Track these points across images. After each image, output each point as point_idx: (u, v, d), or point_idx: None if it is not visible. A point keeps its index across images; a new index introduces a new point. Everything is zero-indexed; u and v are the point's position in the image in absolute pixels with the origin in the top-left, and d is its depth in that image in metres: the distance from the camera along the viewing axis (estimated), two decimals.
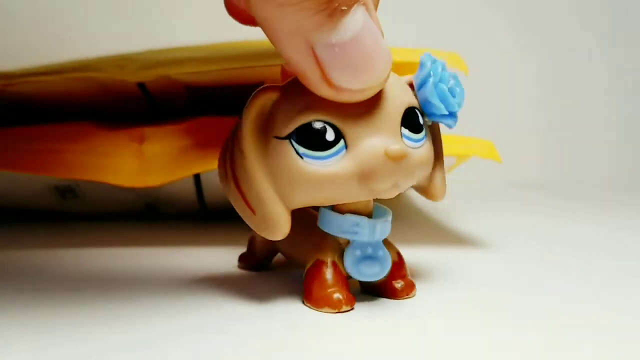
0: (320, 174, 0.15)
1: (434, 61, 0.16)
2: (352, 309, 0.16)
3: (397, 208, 0.36)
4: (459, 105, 0.16)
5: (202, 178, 0.28)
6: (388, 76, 0.15)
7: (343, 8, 0.14)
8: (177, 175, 0.25)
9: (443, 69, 0.16)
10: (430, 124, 0.16)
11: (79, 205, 0.30)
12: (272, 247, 0.19)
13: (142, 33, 0.46)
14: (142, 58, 0.29)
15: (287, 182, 0.15)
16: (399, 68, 0.26)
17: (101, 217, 0.31)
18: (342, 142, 0.15)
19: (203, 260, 0.22)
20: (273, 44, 0.14)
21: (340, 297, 0.16)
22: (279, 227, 0.15)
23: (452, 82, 0.16)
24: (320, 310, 0.16)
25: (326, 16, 0.14)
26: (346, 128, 0.15)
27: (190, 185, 0.28)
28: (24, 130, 0.26)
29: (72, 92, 0.28)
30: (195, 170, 0.25)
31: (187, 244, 0.26)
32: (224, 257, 0.23)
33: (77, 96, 0.28)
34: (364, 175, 0.15)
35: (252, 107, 0.15)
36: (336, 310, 0.16)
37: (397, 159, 0.14)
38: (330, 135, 0.15)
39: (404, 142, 0.15)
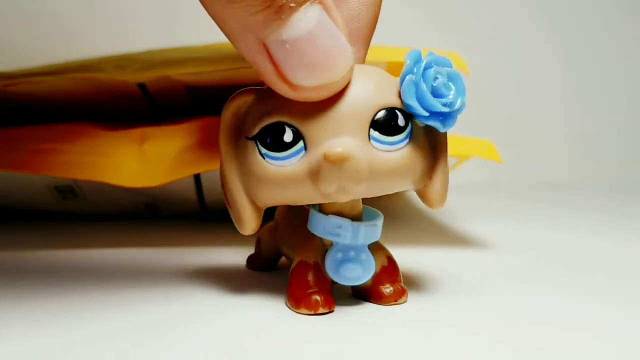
0: (277, 175, 0.15)
1: (417, 59, 0.15)
2: (330, 311, 0.16)
3: (397, 208, 0.36)
4: (449, 105, 0.15)
5: (202, 178, 0.28)
6: (348, 75, 0.14)
7: (292, 5, 0.14)
8: (177, 176, 0.25)
9: (428, 66, 0.15)
10: (423, 126, 0.15)
11: (79, 206, 0.30)
12: (276, 247, 0.20)
13: (142, 33, 0.46)
14: (143, 58, 0.29)
15: (252, 182, 0.15)
16: (399, 68, 0.26)
17: (101, 217, 0.31)
18: (301, 144, 0.15)
19: (202, 260, 0.22)
20: (230, 41, 0.15)
21: (319, 299, 0.16)
22: (245, 224, 0.16)
23: (439, 80, 0.15)
24: (297, 310, 0.16)
25: (273, 13, 0.14)
26: (306, 130, 0.15)
27: (191, 185, 0.28)
28: (24, 130, 0.26)
29: (72, 93, 0.28)
30: (195, 171, 0.25)
31: (187, 244, 0.26)
32: (223, 257, 0.23)
33: (77, 96, 0.28)
34: (312, 177, 0.15)
35: (228, 109, 0.16)
36: (312, 312, 0.16)
37: (335, 162, 0.14)
38: (288, 137, 0.15)
39: (371, 145, 0.15)
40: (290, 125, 0.15)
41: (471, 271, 0.21)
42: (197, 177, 0.28)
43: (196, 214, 0.31)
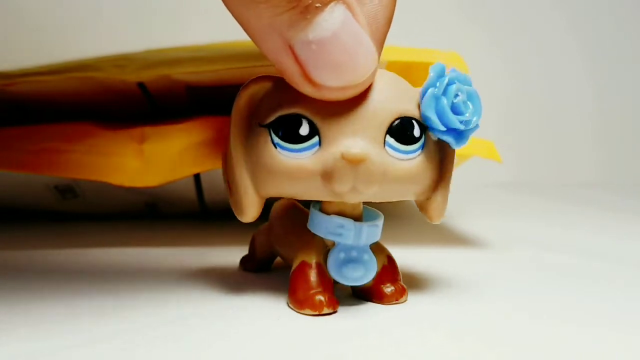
0: (288, 166, 0.15)
1: (441, 73, 0.15)
2: (334, 312, 0.16)
3: (397, 208, 0.36)
4: (466, 123, 0.15)
5: (202, 178, 0.28)
6: (372, 75, 0.15)
7: (317, 5, 0.14)
8: (177, 175, 0.25)
9: (451, 82, 0.15)
10: (435, 139, 0.16)
11: (79, 205, 0.30)
12: (271, 248, 0.19)
13: (142, 32, 0.46)
14: (142, 58, 0.29)
15: (259, 169, 0.15)
16: (398, 67, 0.26)
17: (101, 216, 0.31)
18: (316, 139, 0.15)
19: (202, 259, 0.22)
20: (253, 41, 0.15)
21: (322, 299, 0.16)
22: (247, 212, 0.16)
23: (459, 97, 0.15)
24: (301, 311, 0.16)
25: (299, 13, 0.13)
26: (323, 125, 0.15)
27: (191, 185, 0.28)
28: (24, 130, 0.26)
29: (72, 92, 0.28)
30: (196, 170, 0.25)
31: (187, 243, 0.26)
32: (223, 257, 0.23)
33: (77, 96, 0.28)
34: (325, 175, 0.15)
35: (244, 93, 0.16)
36: (317, 313, 0.16)
37: (352, 163, 0.14)
38: (304, 130, 0.15)
39: (385, 151, 0.15)
40: (307, 119, 0.15)
41: (472, 270, 0.21)
42: (197, 177, 0.28)
43: (196, 213, 0.31)
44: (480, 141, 0.29)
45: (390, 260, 0.17)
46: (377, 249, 0.17)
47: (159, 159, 0.25)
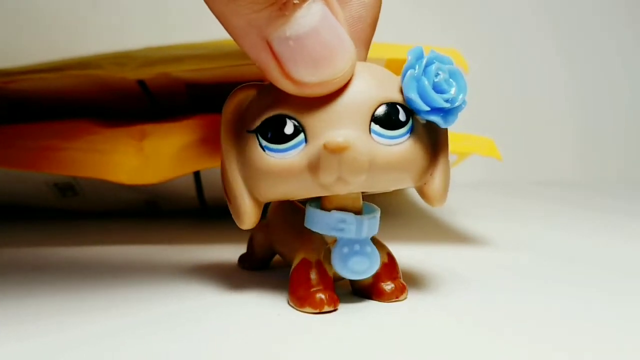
0: (277, 167, 0.15)
1: (419, 55, 0.15)
2: (335, 309, 0.16)
3: (397, 205, 0.36)
4: (451, 101, 0.15)
5: (202, 175, 0.28)
6: (350, 70, 0.15)
7: (295, 2, 0.14)
8: (177, 173, 0.25)
9: (429, 62, 0.15)
10: (424, 122, 0.16)
11: (78, 203, 0.30)
12: (270, 246, 0.19)
13: (141, 30, 0.46)
14: (142, 55, 0.29)
15: (251, 175, 0.16)
16: (397, 65, 0.26)
17: (101, 214, 0.31)
18: (301, 136, 0.15)
19: (202, 257, 0.22)
20: (233, 39, 0.15)
21: (323, 297, 0.16)
22: (245, 218, 0.16)
23: (441, 76, 0.15)
24: (302, 309, 0.16)
25: (277, 10, 0.14)
26: (307, 122, 0.15)
27: (190, 183, 0.28)
28: (23, 127, 0.26)
29: (71, 90, 0.28)
30: (195, 168, 0.25)
31: (187, 241, 0.26)
32: (222, 255, 0.23)
33: (76, 93, 0.28)
34: (311, 168, 0.15)
35: (230, 103, 0.16)
36: (318, 310, 0.15)
37: (335, 151, 0.14)
38: (289, 129, 0.15)
39: (372, 138, 0.15)
40: (291, 118, 0.15)
41: (471, 268, 0.21)
42: (196, 175, 0.28)
43: (196, 211, 0.31)
44: (480, 139, 0.29)
45: (390, 257, 0.17)
46: (377, 246, 0.17)
47: (158, 156, 0.25)
